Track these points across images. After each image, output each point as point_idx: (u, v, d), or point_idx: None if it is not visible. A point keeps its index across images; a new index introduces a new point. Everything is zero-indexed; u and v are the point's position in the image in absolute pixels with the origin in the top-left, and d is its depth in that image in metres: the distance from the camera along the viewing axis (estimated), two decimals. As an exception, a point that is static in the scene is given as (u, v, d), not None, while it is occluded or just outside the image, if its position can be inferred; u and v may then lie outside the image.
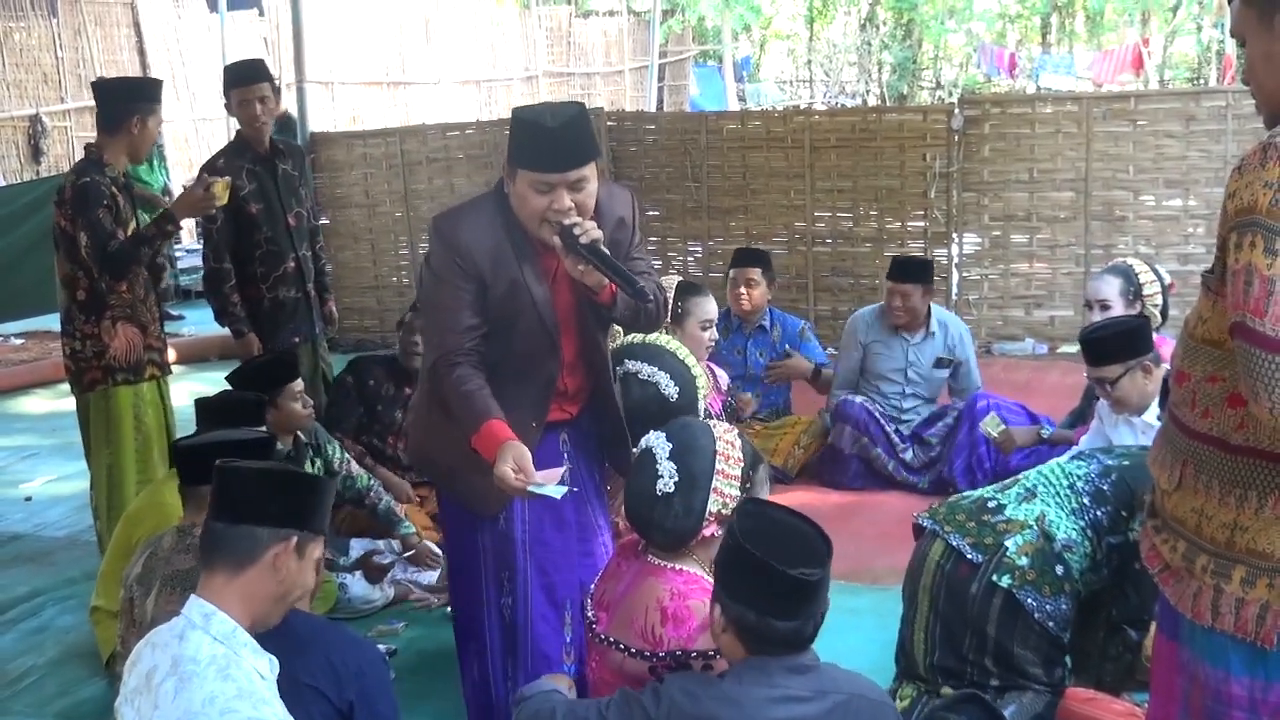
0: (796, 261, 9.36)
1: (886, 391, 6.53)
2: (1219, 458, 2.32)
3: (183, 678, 2.50)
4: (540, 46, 22.78)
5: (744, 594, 2.62)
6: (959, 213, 8.99)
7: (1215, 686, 2.37)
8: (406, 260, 10.48)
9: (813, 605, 2.62)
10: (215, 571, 2.67)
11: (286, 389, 4.98)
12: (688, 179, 9.59)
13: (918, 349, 6.51)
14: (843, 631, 4.50)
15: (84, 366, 5.12)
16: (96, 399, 5.15)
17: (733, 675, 2.64)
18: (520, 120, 3.30)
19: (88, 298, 5.07)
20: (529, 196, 3.28)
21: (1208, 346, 2.34)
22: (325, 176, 10.55)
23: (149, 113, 5.13)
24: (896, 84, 29.75)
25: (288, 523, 2.69)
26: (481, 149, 10.10)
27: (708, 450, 3.16)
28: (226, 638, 2.59)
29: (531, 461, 3.20)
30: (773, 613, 2.59)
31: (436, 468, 3.75)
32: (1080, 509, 3.72)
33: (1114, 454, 3.91)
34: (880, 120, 9.37)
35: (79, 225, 4.97)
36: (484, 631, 3.66)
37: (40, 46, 14.79)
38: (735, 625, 2.64)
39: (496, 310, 3.41)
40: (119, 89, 5.49)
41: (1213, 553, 2.34)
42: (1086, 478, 3.77)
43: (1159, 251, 8.46)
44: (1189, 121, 8.57)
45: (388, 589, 5.20)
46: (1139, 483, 3.63)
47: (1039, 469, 3.94)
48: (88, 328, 5.09)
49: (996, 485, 4.01)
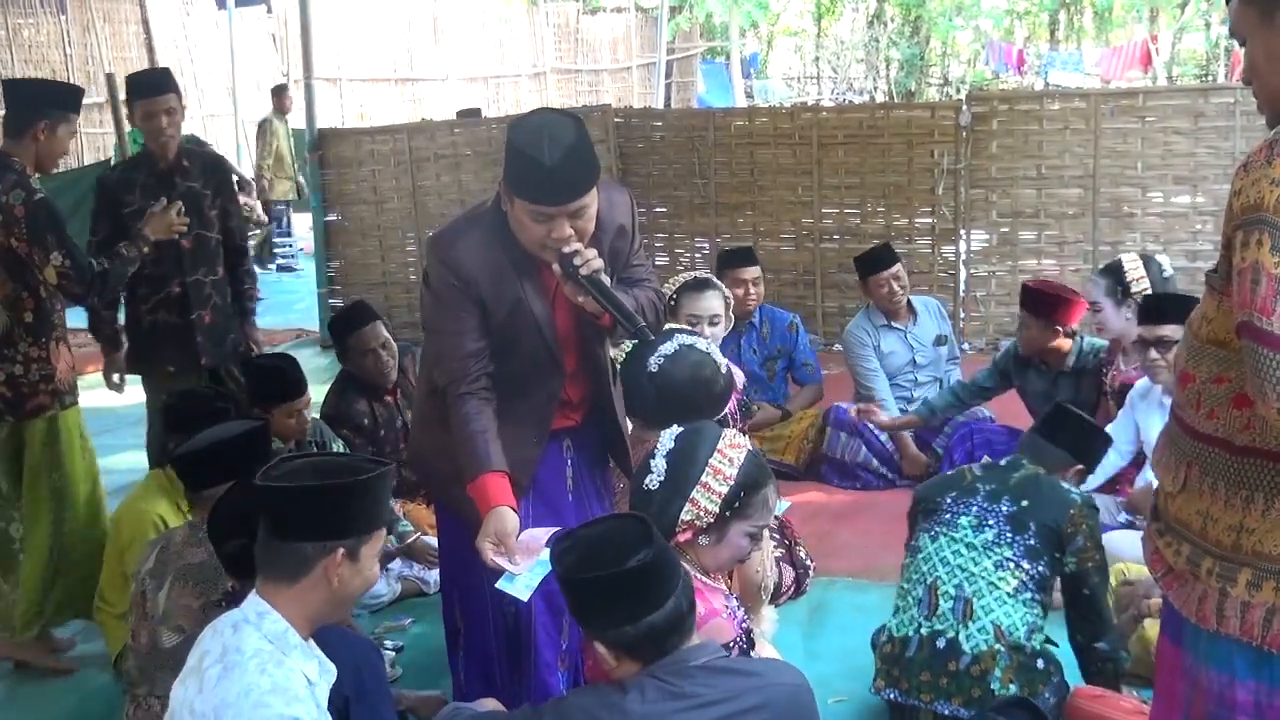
0: (804, 258, 9.35)
1: (902, 383, 6.60)
2: (1224, 459, 2.30)
3: (227, 666, 2.56)
4: (548, 43, 22.79)
5: (611, 617, 2.62)
6: (967, 209, 8.96)
7: (1220, 691, 2.35)
8: (414, 257, 10.47)
9: (669, 584, 2.61)
10: (268, 580, 2.68)
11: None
12: (695, 176, 9.57)
13: (915, 334, 6.62)
14: (850, 629, 4.52)
15: (27, 392, 4.63)
16: (40, 425, 4.69)
17: (635, 691, 2.59)
18: (517, 151, 3.15)
19: (35, 319, 4.64)
20: (527, 225, 3.22)
21: (1213, 347, 2.31)
22: (333, 173, 10.55)
23: (59, 120, 4.65)
24: (904, 81, 29.73)
25: (333, 535, 2.66)
26: (489, 145, 10.09)
27: (701, 460, 3.21)
28: (276, 638, 2.63)
29: (517, 535, 3.17)
30: (641, 612, 2.58)
31: (434, 474, 3.72)
32: (1020, 586, 3.62)
33: (1006, 494, 3.75)
34: (888, 117, 9.35)
35: (44, 245, 4.49)
36: (487, 640, 3.66)
37: (49, 43, 14.82)
38: (622, 649, 2.63)
39: (499, 330, 3.38)
40: (26, 90, 5.00)
41: (1218, 555, 2.31)
42: (1006, 545, 3.64)
43: (1167, 248, 8.42)
44: (1197, 118, 8.54)
45: (395, 584, 5.21)
46: (1055, 519, 3.65)
47: (955, 565, 3.68)
48: (34, 350, 4.64)
49: (920, 601, 3.72)
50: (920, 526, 3.89)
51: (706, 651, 2.64)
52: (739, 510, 3.23)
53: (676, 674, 2.57)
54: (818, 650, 4.55)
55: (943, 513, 3.82)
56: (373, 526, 2.75)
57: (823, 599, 5.02)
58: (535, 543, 3.17)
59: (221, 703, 2.51)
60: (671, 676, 2.57)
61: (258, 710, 2.50)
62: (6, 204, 4.46)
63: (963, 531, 3.73)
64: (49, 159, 4.72)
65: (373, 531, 2.75)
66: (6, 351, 4.60)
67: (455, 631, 3.81)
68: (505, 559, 3.13)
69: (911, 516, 4.00)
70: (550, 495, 3.58)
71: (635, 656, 2.62)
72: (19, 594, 4.74)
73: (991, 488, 3.80)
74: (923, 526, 3.87)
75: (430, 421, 3.58)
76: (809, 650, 4.55)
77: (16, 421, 4.65)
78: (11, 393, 4.61)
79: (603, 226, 3.36)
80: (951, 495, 3.84)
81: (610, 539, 2.68)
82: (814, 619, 4.88)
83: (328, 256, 10.74)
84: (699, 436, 3.30)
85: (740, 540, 3.28)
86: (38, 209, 4.50)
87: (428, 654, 4.71)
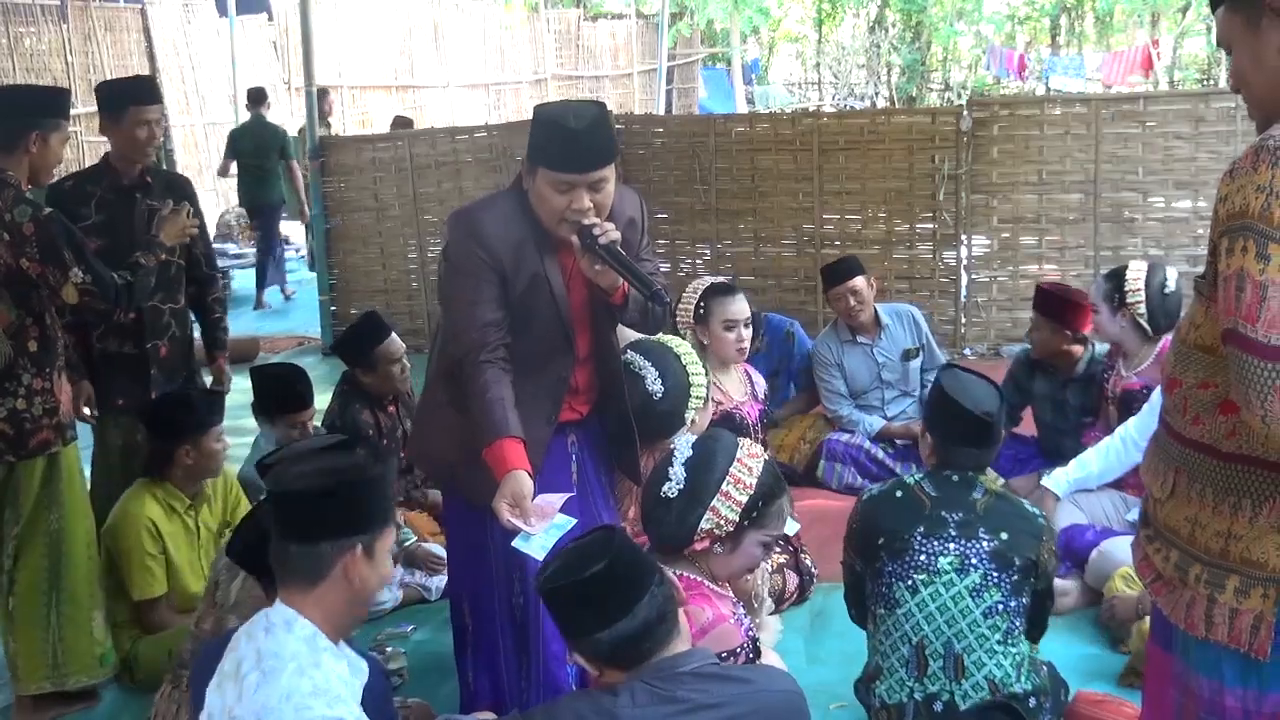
0: (805, 264, 9.35)
1: (871, 402, 6.50)
2: (1211, 465, 2.30)
3: (265, 672, 2.55)
4: (549, 50, 22.81)
5: (580, 625, 2.64)
6: (968, 215, 8.98)
7: (1209, 698, 2.35)
8: (415, 264, 10.49)
9: (634, 590, 2.61)
10: (289, 586, 2.68)
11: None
12: (696, 182, 9.58)
13: (881, 349, 6.47)
14: (851, 635, 4.48)
15: (30, 429, 4.22)
16: (40, 463, 4.28)
17: (625, 694, 2.60)
18: (542, 120, 3.31)
19: (39, 348, 4.25)
20: (549, 196, 3.31)
21: (1199, 352, 2.32)
22: (334, 180, 10.57)
23: (51, 128, 4.29)
24: (905, 86, 29.72)
25: (347, 531, 2.66)
26: (490, 152, 10.11)
27: (721, 469, 3.22)
28: (308, 640, 2.63)
29: (532, 498, 3.22)
30: (606, 620, 2.60)
31: (440, 463, 3.76)
32: (1009, 629, 3.52)
33: (981, 526, 3.54)
34: (889, 122, 9.38)
35: (61, 263, 4.14)
36: (495, 631, 3.68)
37: (50, 52, 14.82)
38: (599, 658, 2.65)
39: (517, 304, 3.44)
40: (14, 100, 4.49)
41: (1206, 562, 2.31)
42: (994, 587, 3.49)
43: (1168, 253, 8.45)
44: (1198, 123, 8.56)
45: (396, 592, 5.21)
46: (1033, 552, 3.52)
47: (943, 622, 3.51)
48: (38, 382, 4.23)
49: (908, 661, 3.56)
50: (891, 570, 3.58)
51: (697, 658, 2.64)
52: (756, 520, 3.24)
53: (666, 679, 2.58)
54: (819, 656, 4.55)
55: (914, 553, 3.54)
56: (386, 520, 2.76)
57: (825, 605, 5.01)
58: (550, 506, 3.23)
59: (263, 708, 2.51)
60: (661, 681, 2.57)
61: (301, 713, 2.50)
62: (12, 222, 4.10)
63: (946, 577, 3.50)
64: (44, 171, 4.37)
65: (386, 526, 2.75)
66: (8, 385, 4.19)
67: (463, 629, 3.85)
68: (521, 520, 3.17)
69: (868, 544, 3.66)
70: (554, 489, 3.60)
71: (614, 664, 2.63)
72: (17, 646, 4.38)
73: (960, 517, 3.55)
74: (895, 573, 3.57)
75: (442, 405, 3.62)
76: (811, 655, 4.56)
77: (18, 460, 4.24)
78: (13, 430, 4.20)
79: (614, 217, 3.42)
80: (919, 531, 3.55)
81: (581, 549, 2.71)
82: (816, 625, 4.88)
83: (329, 264, 10.75)
84: (717, 445, 3.32)
85: (754, 549, 3.30)
86: (49, 225, 4.14)
87: (429, 660, 4.71)
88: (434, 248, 10.19)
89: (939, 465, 3.67)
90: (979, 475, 3.66)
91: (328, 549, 2.64)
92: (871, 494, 3.77)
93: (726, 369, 5.44)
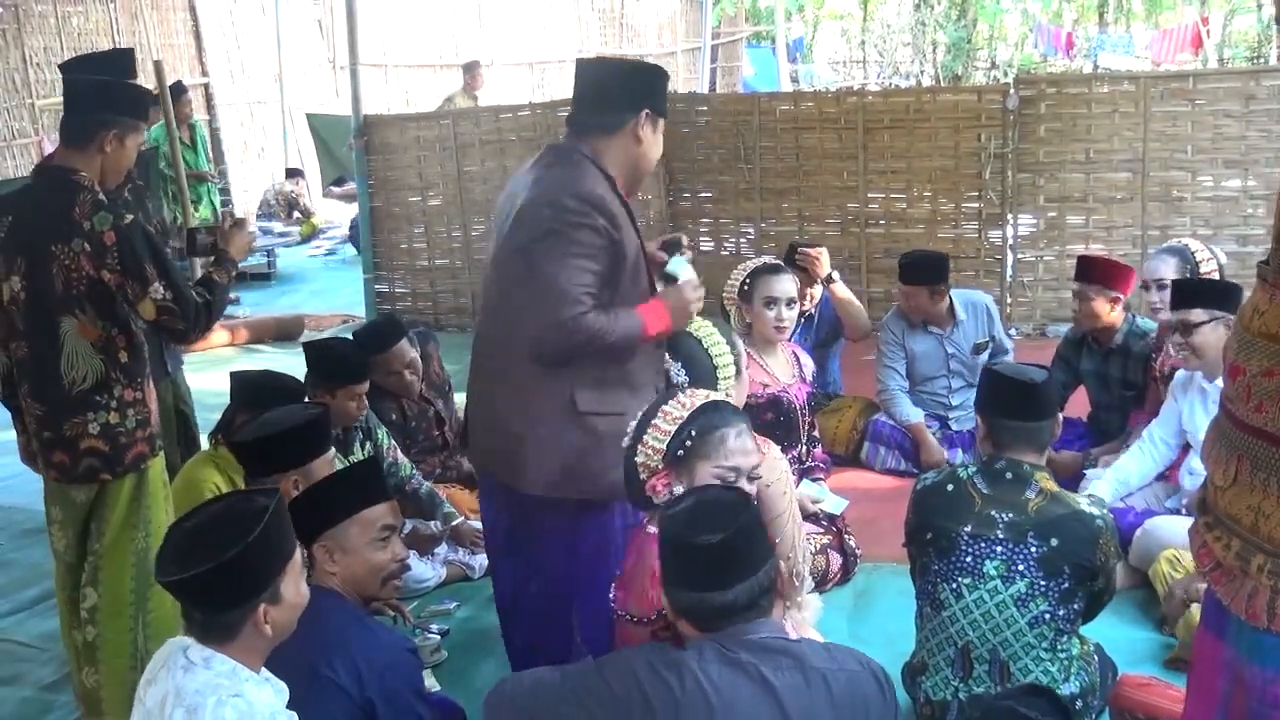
0: (849, 243, 9.31)
1: (936, 390, 6.47)
2: (1275, 453, 2.25)
3: (190, 709, 2.56)
4: (593, 28, 22.73)
5: (675, 576, 2.65)
6: (1014, 194, 8.91)
7: (1263, 688, 2.31)
8: (459, 242, 10.51)
9: (732, 573, 2.60)
10: (205, 640, 2.67)
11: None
12: (740, 160, 9.56)
13: (952, 340, 6.42)
14: (895, 614, 4.50)
15: (125, 443, 3.96)
16: (130, 481, 4.01)
17: (694, 649, 2.61)
18: (660, 71, 3.78)
19: (130, 359, 3.98)
20: (660, 145, 3.69)
21: (1264, 340, 2.27)
22: (378, 159, 10.60)
23: (130, 130, 3.98)
24: (951, 64, 29.47)
25: (249, 596, 2.64)
26: (534, 130, 10.11)
27: (655, 408, 3.23)
28: (228, 675, 2.63)
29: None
30: (704, 586, 2.59)
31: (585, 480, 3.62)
32: (1056, 635, 3.48)
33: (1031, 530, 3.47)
34: (934, 101, 9.31)
35: (143, 276, 3.81)
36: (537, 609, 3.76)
37: (97, 31, 14.91)
38: (678, 610, 2.66)
39: (629, 274, 3.57)
40: (93, 92, 4.00)
41: (1270, 552, 2.26)
42: (1040, 596, 3.45)
43: (1217, 233, 8.37)
44: (1248, 101, 8.45)
45: (440, 569, 5.24)
46: (1088, 557, 3.45)
47: (988, 629, 3.50)
48: (129, 393, 3.97)
49: (953, 662, 3.58)
50: (937, 570, 3.59)
51: (768, 629, 2.64)
52: (694, 449, 3.13)
53: (736, 643, 2.58)
54: (862, 635, 4.54)
55: (960, 554, 3.53)
56: (285, 562, 2.73)
57: (868, 584, 5.01)
58: None
59: None
60: (731, 644, 2.58)
61: None
62: (92, 231, 3.77)
63: (991, 584, 3.48)
64: (114, 174, 4.02)
65: (286, 565, 2.73)
66: (99, 398, 3.91)
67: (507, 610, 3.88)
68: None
69: (918, 537, 3.69)
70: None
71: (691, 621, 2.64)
72: (100, 677, 4.04)
73: (1010, 518, 3.50)
74: (941, 573, 3.58)
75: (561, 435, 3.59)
76: (854, 634, 4.55)
77: (113, 479, 3.96)
78: (109, 446, 3.93)
79: None
80: (966, 531, 3.53)
81: (708, 509, 2.70)
82: (859, 604, 4.88)
83: (373, 242, 10.79)
84: (666, 394, 3.36)
85: (713, 481, 3.15)
86: (131, 234, 3.80)
87: (472, 636, 4.74)
88: (478, 226, 10.21)
89: (992, 448, 3.62)
90: (1034, 470, 3.56)
91: (234, 615, 2.64)
92: (925, 482, 3.75)
93: (773, 350, 5.38)
